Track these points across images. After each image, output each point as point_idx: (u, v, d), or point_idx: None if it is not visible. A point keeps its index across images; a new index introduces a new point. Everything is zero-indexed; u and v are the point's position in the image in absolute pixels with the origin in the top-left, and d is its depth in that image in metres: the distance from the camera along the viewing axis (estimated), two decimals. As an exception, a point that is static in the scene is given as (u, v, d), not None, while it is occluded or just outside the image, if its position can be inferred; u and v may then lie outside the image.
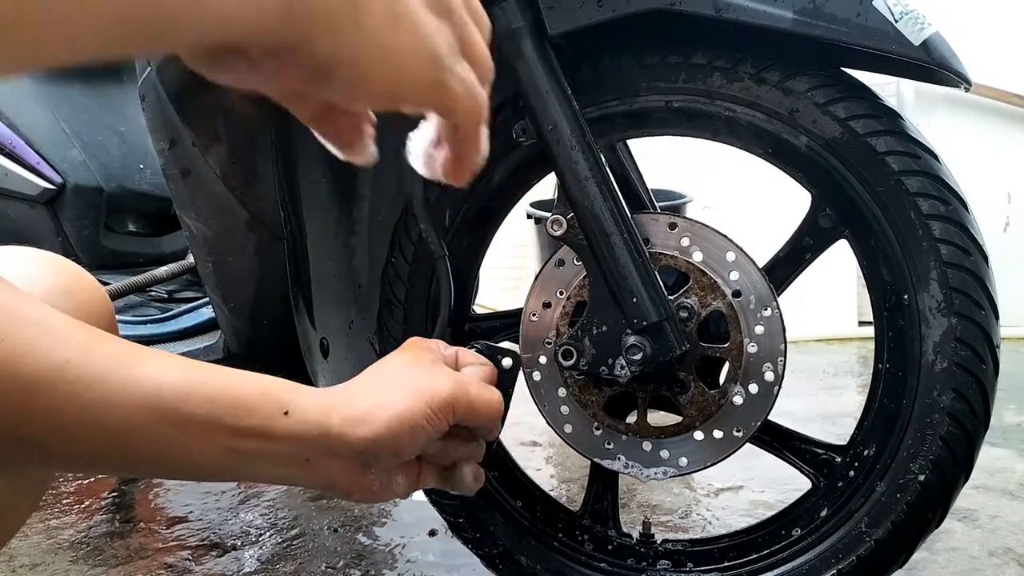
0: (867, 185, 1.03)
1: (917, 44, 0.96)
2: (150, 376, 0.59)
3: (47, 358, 0.55)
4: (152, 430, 0.59)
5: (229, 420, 0.62)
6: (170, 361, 0.62)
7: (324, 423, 0.67)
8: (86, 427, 0.57)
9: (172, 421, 0.59)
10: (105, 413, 0.57)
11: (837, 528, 1.10)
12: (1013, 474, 1.98)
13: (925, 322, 1.02)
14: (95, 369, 0.56)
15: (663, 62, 1.08)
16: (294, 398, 0.66)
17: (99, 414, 0.57)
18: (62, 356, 0.55)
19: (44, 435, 0.56)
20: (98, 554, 1.63)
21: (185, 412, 0.60)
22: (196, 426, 0.61)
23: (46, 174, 1.52)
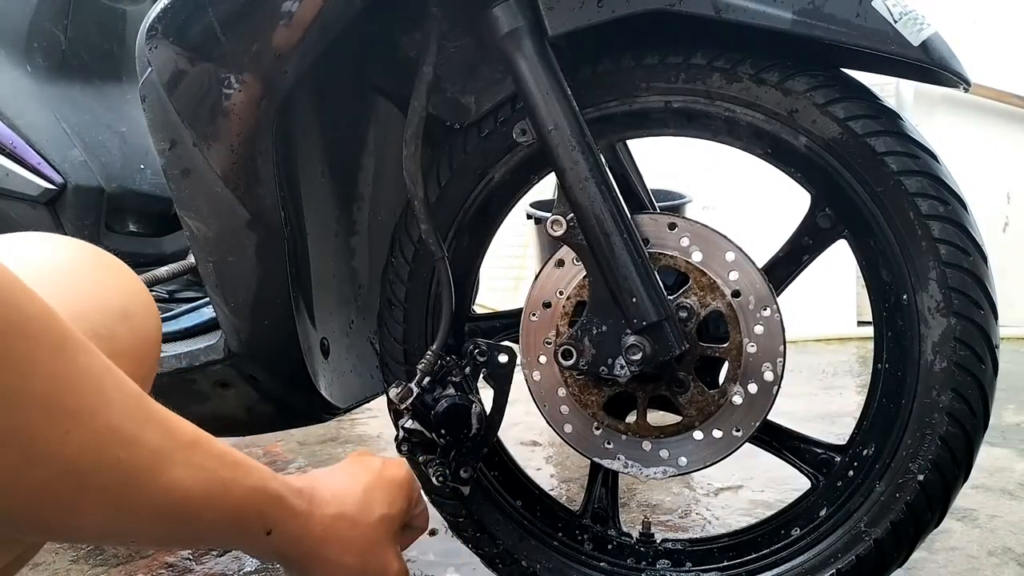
0: (866, 185, 1.03)
1: (916, 45, 0.97)
2: (170, 491, 0.63)
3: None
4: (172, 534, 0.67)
5: (231, 536, 0.74)
6: (191, 469, 0.65)
7: (300, 544, 0.80)
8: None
9: (187, 528, 0.67)
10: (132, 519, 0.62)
11: (836, 527, 1.10)
12: (1012, 474, 1.98)
13: (924, 322, 1.02)
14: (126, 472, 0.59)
15: (663, 63, 1.08)
16: (281, 518, 0.77)
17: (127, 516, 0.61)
18: (114, 455, 0.57)
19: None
20: (98, 554, 1.64)
21: (195, 526, 0.67)
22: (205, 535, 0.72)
23: (47, 174, 1.52)
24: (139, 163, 1.65)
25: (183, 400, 1.31)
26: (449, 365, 1.12)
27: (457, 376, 1.12)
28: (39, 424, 0.50)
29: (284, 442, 2.43)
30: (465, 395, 1.10)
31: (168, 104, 1.10)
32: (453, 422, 1.08)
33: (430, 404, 1.09)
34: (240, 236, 1.15)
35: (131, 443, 0.58)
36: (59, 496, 0.53)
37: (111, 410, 0.56)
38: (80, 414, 0.53)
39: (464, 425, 1.08)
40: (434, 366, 1.11)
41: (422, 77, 1.12)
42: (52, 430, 0.51)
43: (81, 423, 0.53)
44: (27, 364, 0.48)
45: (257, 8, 1.03)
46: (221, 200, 1.15)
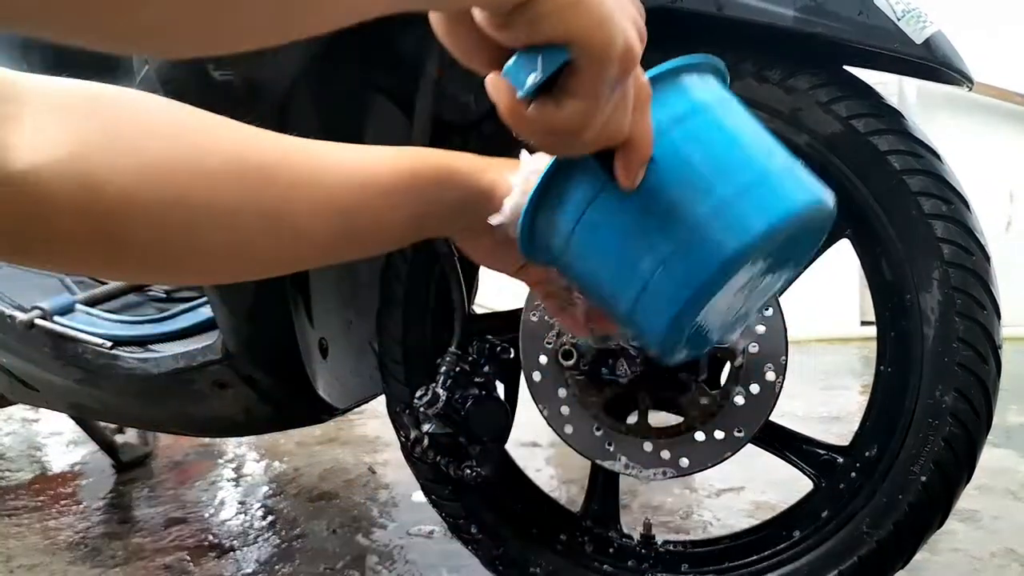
0: (869, 184, 1.03)
1: (919, 42, 0.96)
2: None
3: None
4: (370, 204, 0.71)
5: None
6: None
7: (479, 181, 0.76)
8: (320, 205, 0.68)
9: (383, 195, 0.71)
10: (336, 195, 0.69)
11: (839, 529, 1.09)
12: (1016, 475, 1.97)
13: (927, 322, 1.02)
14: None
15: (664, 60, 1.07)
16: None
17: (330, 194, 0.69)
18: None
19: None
20: (96, 555, 1.63)
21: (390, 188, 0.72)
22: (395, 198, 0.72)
23: (44, 173, 1.52)
24: (137, 162, 1.64)
25: (181, 400, 1.31)
26: (470, 364, 1.12)
27: (480, 376, 1.12)
28: None
29: (283, 443, 2.43)
30: (491, 393, 1.10)
31: (165, 102, 1.10)
32: (486, 421, 1.08)
33: (456, 406, 1.08)
34: (238, 235, 1.14)
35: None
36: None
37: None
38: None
39: (495, 422, 1.08)
40: (455, 367, 1.10)
41: (427, 76, 1.12)
42: None
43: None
44: None
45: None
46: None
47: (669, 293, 0.64)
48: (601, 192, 0.64)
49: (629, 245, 0.64)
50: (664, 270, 0.63)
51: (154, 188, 0.62)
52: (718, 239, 0.62)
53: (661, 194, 0.62)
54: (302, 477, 2.12)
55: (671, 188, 0.63)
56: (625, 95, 0.56)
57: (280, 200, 0.67)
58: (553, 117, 0.54)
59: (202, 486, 2.09)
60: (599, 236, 0.65)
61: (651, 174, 0.62)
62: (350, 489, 2.00)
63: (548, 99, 0.53)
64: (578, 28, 0.49)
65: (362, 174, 0.71)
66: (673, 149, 0.63)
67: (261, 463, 2.28)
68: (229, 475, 2.19)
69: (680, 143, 0.63)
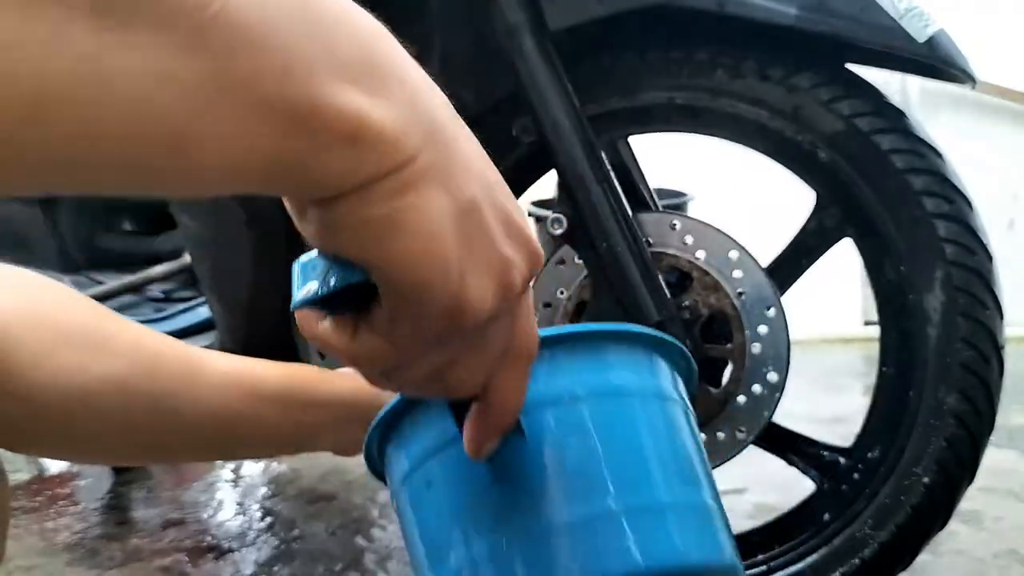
0: (871, 183, 1.02)
1: (922, 41, 0.96)
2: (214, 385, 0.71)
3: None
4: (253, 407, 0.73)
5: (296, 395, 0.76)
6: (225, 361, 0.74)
7: (355, 390, 0.77)
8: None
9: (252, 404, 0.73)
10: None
11: (841, 530, 1.08)
12: (1018, 476, 1.97)
13: (930, 322, 1.01)
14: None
15: (666, 58, 1.07)
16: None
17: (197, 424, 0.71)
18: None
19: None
20: (94, 556, 1.62)
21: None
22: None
23: (42, 173, 1.51)
24: (135, 161, 1.64)
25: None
26: None
27: None
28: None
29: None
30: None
31: (163, 101, 1.09)
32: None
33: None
34: (237, 235, 1.14)
35: None
36: None
37: None
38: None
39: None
40: None
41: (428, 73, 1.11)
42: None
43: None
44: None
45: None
46: (218, 199, 1.14)
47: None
48: (448, 445, 0.49)
49: (450, 524, 0.50)
50: (469, 575, 0.48)
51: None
52: (562, 559, 0.46)
53: (511, 480, 0.48)
54: (301, 478, 2.11)
55: (526, 478, 0.48)
56: (475, 349, 0.42)
57: (169, 387, 0.68)
58: (345, 347, 0.41)
59: (200, 487, 2.08)
60: (427, 498, 0.52)
61: (510, 450, 0.47)
62: (349, 490, 2.00)
63: (347, 321, 0.40)
64: (384, 255, 0.36)
65: (245, 377, 0.74)
66: (556, 428, 0.49)
67: (259, 464, 2.28)
68: (227, 476, 2.19)
69: (562, 425, 0.49)
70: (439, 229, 0.36)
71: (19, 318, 0.63)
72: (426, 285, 0.36)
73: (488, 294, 0.39)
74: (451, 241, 0.36)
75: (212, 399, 0.71)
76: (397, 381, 0.43)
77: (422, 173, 0.35)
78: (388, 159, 0.34)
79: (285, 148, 0.32)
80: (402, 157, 0.34)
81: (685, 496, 0.50)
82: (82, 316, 0.68)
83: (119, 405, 0.66)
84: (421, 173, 0.35)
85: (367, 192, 0.34)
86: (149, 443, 0.72)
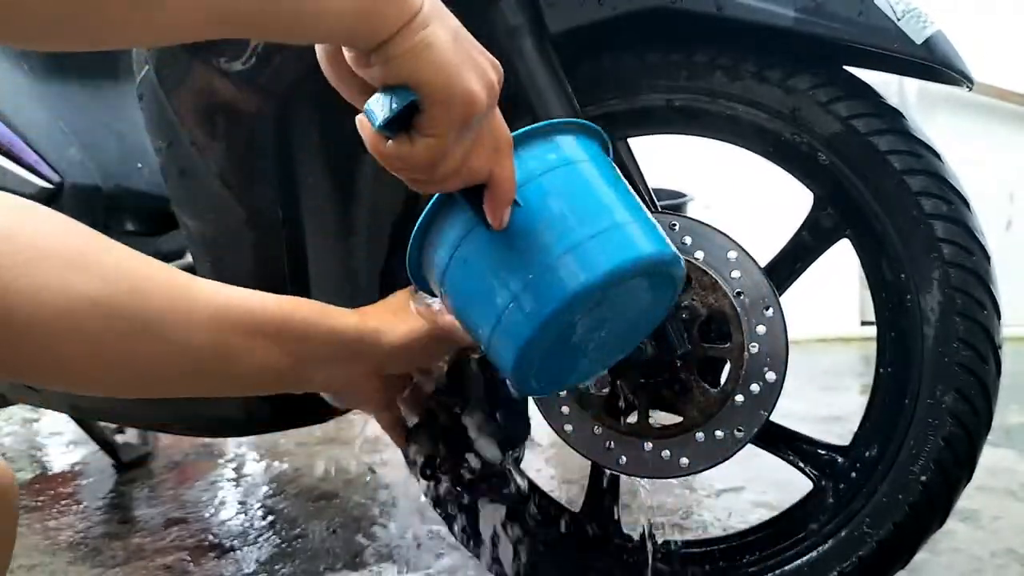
0: (869, 184, 1.02)
1: (919, 42, 0.96)
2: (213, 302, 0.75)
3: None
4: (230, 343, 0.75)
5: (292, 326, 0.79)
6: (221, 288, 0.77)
7: (359, 326, 0.83)
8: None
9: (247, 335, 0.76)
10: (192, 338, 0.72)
11: (839, 529, 1.09)
12: (1016, 475, 1.97)
13: (927, 322, 1.02)
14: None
15: (665, 60, 1.08)
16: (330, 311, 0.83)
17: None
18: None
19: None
20: (96, 555, 1.63)
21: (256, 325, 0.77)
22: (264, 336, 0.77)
23: (44, 173, 1.51)
24: (137, 162, 1.64)
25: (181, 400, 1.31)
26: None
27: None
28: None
29: (283, 443, 2.43)
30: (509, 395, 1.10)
31: (165, 102, 1.10)
32: (517, 424, 1.07)
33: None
34: (237, 235, 1.14)
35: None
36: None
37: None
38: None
39: (524, 425, 1.07)
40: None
41: None
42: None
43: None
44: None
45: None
46: (219, 199, 1.14)
47: (516, 328, 0.71)
48: (472, 231, 0.71)
49: (490, 281, 0.71)
50: (515, 305, 0.70)
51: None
52: (563, 278, 0.70)
53: (523, 235, 0.70)
54: (302, 477, 2.12)
55: (532, 230, 0.70)
56: (480, 137, 0.65)
57: (156, 311, 0.70)
58: (408, 153, 0.62)
59: (202, 486, 2.09)
60: (467, 271, 0.73)
61: (517, 216, 0.70)
62: (350, 489, 2.00)
63: (404, 136, 0.62)
64: (420, 72, 0.58)
65: (240, 307, 0.77)
66: (539, 194, 0.71)
67: (261, 463, 2.28)
68: (229, 475, 2.19)
69: (545, 189, 0.71)
70: (448, 46, 0.59)
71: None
72: (449, 84, 0.59)
73: (482, 89, 0.62)
74: (455, 55, 0.60)
75: (204, 325, 0.73)
76: (437, 175, 0.64)
77: (429, 14, 0.59)
78: (412, 6, 0.58)
79: (365, 3, 0.56)
80: (418, 4, 0.58)
81: (629, 217, 0.73)
82: (66, 238, 0.69)
83: (104, 327, 0.67)
84: (428, 14, 0.59)
85: (406, 30, 0.58)
86: (139, 370, 0.71)
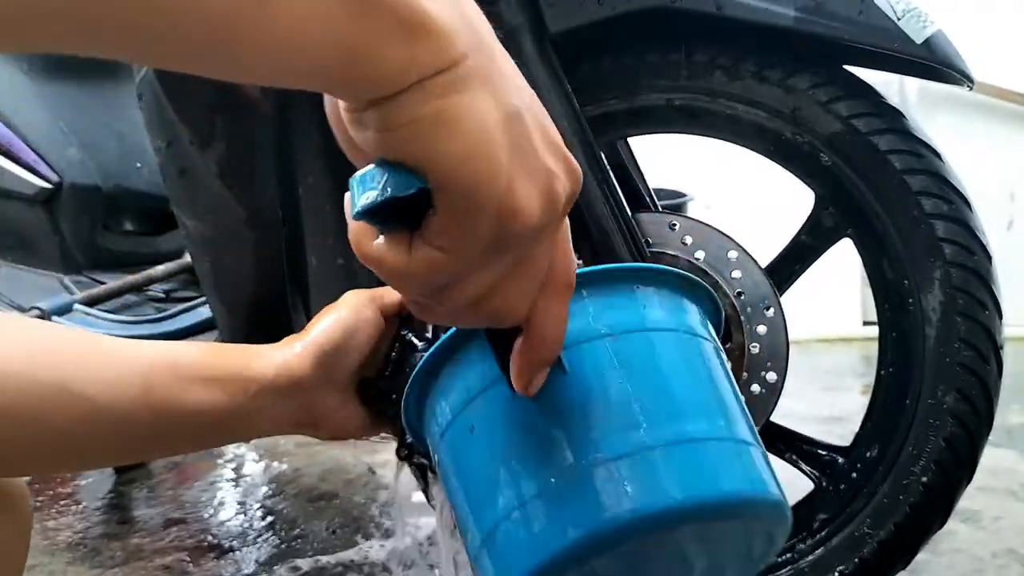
0: (870, 184, 1.02)
1: (919, 42, 0.96)
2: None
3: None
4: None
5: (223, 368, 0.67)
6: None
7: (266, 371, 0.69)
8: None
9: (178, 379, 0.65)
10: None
11: (840, 530, 1.09)
12: (1017, 475, 1.97)
13: (928, 322, 1.01)
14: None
15: (664, 60, 1.07)
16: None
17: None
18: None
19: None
20: (95, 555, 1.63)
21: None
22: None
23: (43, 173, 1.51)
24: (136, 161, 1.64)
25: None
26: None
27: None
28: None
29: (283, 443, 2.42)
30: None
31: (164, 102, 1.10)
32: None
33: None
34: (237, 235, 1.14)
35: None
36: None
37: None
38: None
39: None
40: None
41: None
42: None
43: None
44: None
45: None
46: (218, 199, 1.14)
47: (512, 553, 0.49)
48: (489, 388, 0.51)
49: (494, 468, 0.50)
50: (520, 516, 0.49)
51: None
52: (601, 496, 0.47)
53: (559, 414, 0.49)
54: (302, 477, 2.11)
55: (573, 412, 0.49)
56: (524, 266, 0.43)
57: (71, 372, 0.62)
58: (399, 262, 0.41)
59: (201, 486, 2.09)
60: (470, 443, 0.52)
61: (556, 385, 0.49)
62: (350, 489, 2.00)
63: (402, 237, 0.41)
64: (437, 154, 0.37)
65: (168, 356, 0.67)
66: (596, 362, 0.50)
67: (261, 463, 2.28)
68: (228, 475, 2.19)
69: (607, 357, 0.50)
70: (487, 130, 0.38)
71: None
72: (477, 186, 0.38)
73: (535, 202, 0.40)
74: (498, 144, 0.38)
75: (127, 379, 0.64)
76: (446, 304, 0.43)
77: (471, 74, 0.37)
78: (442, 55, 0.36)
79: (353, 32, 0.35)
80: (454, 54, 0.37)
81: (722, 430, 0.51)
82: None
83: (16, 397, 0.59)
84: (470, 74, 0.37)
85: (421, 89, 0.36)
86: (59, 436, 0.63)
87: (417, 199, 0.39)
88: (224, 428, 0.69)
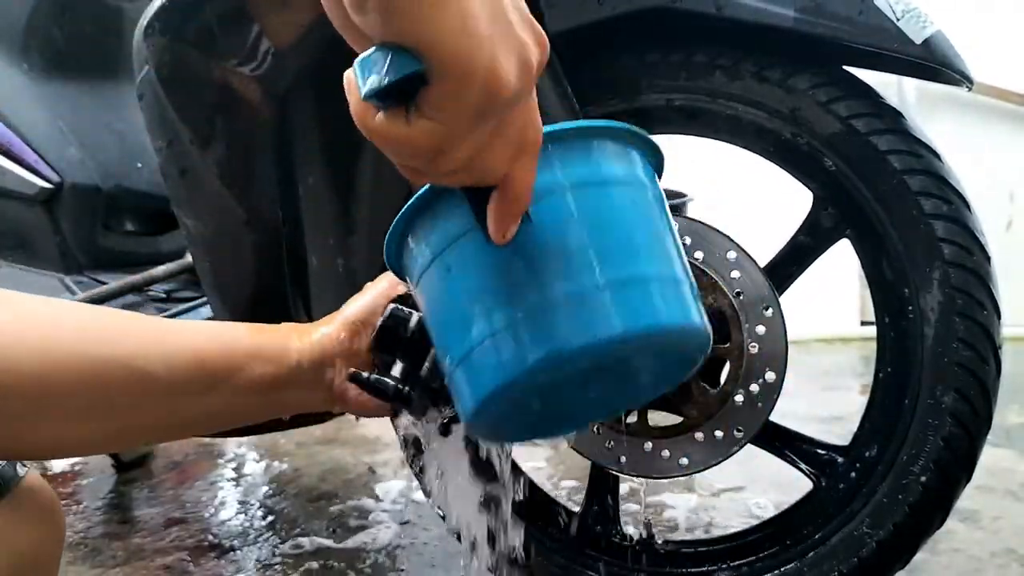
0: (869, 184, 1.02)
1: (919, 42, 0.96)
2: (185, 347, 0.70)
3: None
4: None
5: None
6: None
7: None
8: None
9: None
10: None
11: (838, 529, 1.09)
12: (1016, 475, 1.97)
13: (927, 322, 1.02)
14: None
15: (664, 60, 1.07)
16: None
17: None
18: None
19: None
20: (96, 555, 1.63)
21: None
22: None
23: (44, 173, 1.52)
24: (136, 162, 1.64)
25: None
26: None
27: None
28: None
29: (283, 443, 2.43)
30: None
31: (165, 102, 1.10)
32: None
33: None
34: (237, 235, 1.14)
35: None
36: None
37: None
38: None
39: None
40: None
41: None
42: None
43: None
44: None
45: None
46: (218, 199, 1.14)
47: (484, 373, 0.58)
48: (464, 235, 0.58)
49: (469, 304, 0.58)
50: (491, 344, 0.57)
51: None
52: (558, 328, 0.56)
53: (524, 259, 0.56)
54: (302, 477, 2.12)
55: (537, 256, 0.56)
56: (502, 130, 0.49)
57: (133, 346, 0.67)
58: (402, 134, 0.47)
59: (202, 486, 2.09)
60: (448, 283, 0.60)
61: (524, 234, 0.55)
62: (350, 489, 2.00)
63: (400, 111, 0.46)
64: (431, 32, 0.43)
65: (219, 331, 0.75)
66: (558, 213, 0.57)
67: (261, 463, 2.28)
68: (229, 475, 2.19)
69: (567, 208, 0.57)
70: (472, 9, 0.43)
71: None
72: (466, 57, 0.44)
73: (513, 70, 0.46)
74: (482, 21, 0.44)
75: (181, 353, 0.69)
76: (437, 168, 0.49)
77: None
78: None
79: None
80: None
81: (661, 270, 0.59)
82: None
83: (79, 377, 0.64)
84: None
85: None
86: (121, 412, 0.68)
87: (411, 78, 0.44)
88: (270, 401, 0.76)
